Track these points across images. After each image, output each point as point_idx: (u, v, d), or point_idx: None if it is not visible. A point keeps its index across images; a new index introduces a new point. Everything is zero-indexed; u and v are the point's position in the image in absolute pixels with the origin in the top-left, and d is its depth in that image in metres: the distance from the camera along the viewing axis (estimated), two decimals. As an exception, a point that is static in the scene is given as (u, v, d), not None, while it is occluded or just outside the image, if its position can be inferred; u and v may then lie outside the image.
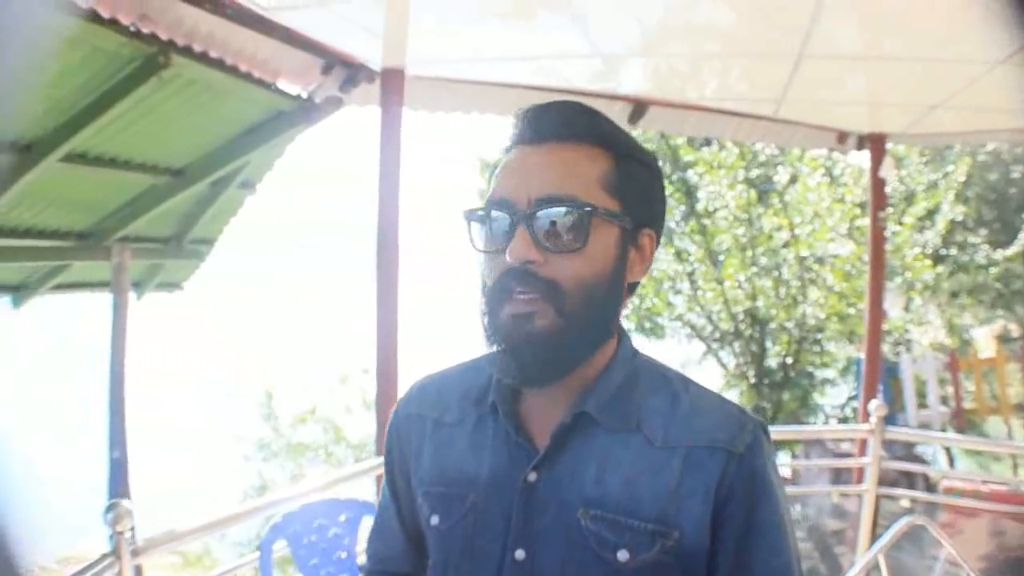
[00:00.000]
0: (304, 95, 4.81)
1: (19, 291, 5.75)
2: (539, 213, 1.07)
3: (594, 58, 4.80)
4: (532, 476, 1.13)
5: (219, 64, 4.00)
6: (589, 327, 1.11)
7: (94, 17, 3.22)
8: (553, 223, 1.07)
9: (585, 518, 1.09)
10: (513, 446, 1.16)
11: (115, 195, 5.08)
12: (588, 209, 1.07)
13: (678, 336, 10.91)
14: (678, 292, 10.46)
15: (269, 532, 3.25)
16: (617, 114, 5.47)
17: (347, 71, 4.72)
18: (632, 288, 1.21)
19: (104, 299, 5.61)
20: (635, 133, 9.47)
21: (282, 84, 4.64)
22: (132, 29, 3.39)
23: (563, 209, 1.07)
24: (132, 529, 2.78)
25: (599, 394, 1.13)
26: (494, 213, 1.11)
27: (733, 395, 10.49)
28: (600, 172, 1.11)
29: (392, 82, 4.40)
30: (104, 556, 2.73)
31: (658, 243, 1.22)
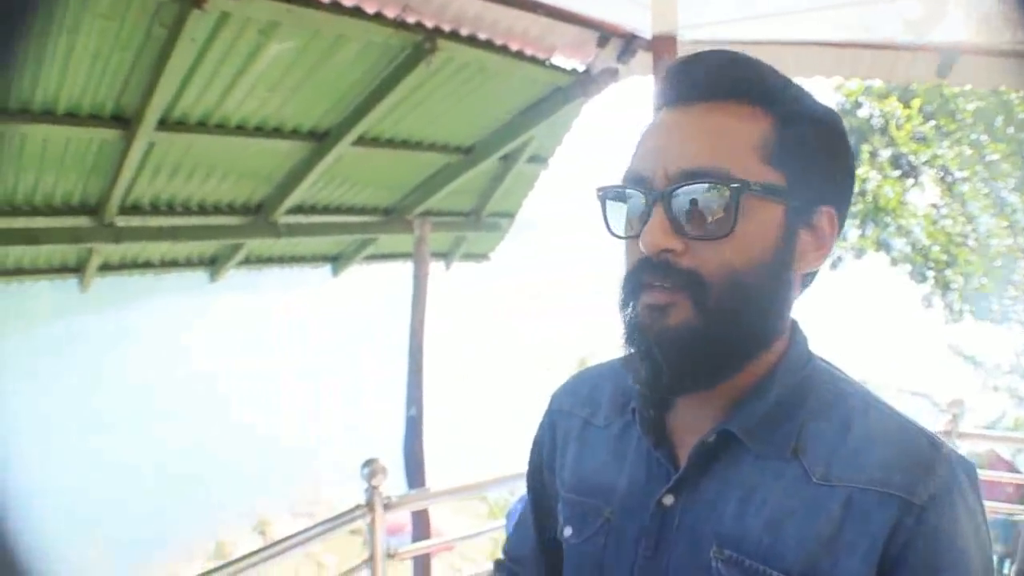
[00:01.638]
0: (581, 69, 4.84)
1: (337, 261, 6.38)
2: (677, 191, 0.90)
3: (890, 4, 4.35)
4: (668, 499, 0.97)
5: (489, 45, 4.13)
6: (740, 327, 0.92)
7: (360, 13, 3.47)
8: (694, 203, 0.89)
9: (718, 558, 0.92)
10: (653, 461, 1.02)
11: (411, 173, 5.44)
12: (736, 185, 0.89)
13: (1010, 321, 9.54)
14: (1012, 270, 9.17)
15: (517, 502, 3.35)
16: (923, 69, 4.91)
17: (622, 42, 4.69)
18: (808, 278, 1.00)
19: (408, 269, 6.06)
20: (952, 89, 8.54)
21: (558, 59, 4.71)
22: (398, 20, 3.61)
23: (704, 186, 0.89)
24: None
25: (751, 410, 0.95)
26: (629, 192, 0.96)
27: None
28: (758, 137, 0.92)
29: (664, 49, 4.26)
30: (358, 507, 3.00)
31: (842, 223, 0.99)
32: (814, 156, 0.95)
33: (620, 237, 0.98)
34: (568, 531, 1.08)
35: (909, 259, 10.16)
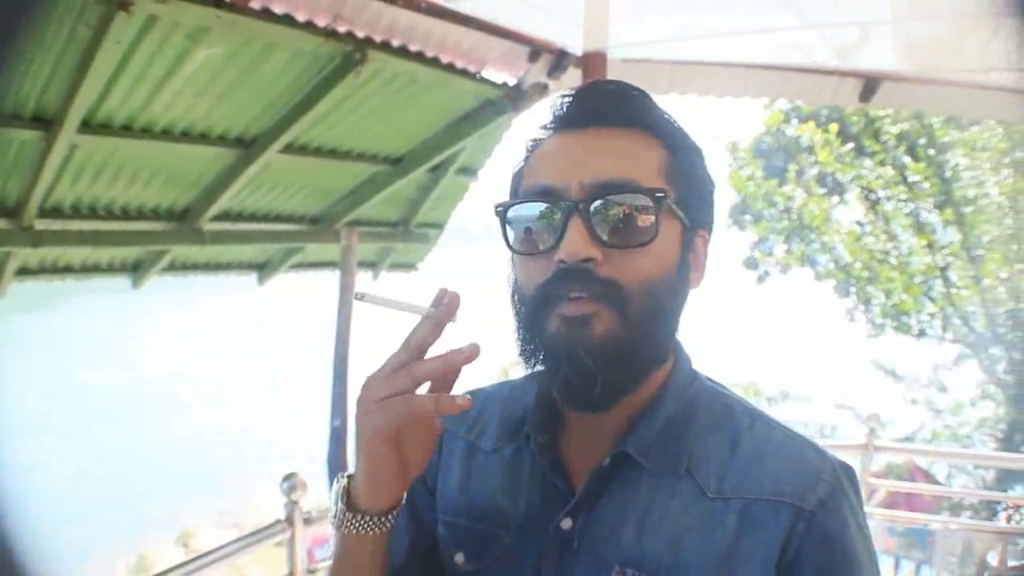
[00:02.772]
0: (511, 83, 4.86)
1: (262, 270, 6.30)
2: (598, 201, 0.90)
3: (817, 30, 4.45)
4: (566, 523, 0.96)
5: (420, 57, 4.14)
6: (655, 337, 0.94)
7: (291, 21, 3.45)
8: (616, 213, 0.90)
9: None
10: (549, 485, 1.00)
11: (340, 182, 5.41)
12: (660, 195, 0.91)
13: (928, 337, 9.84)
14: (930, 287, 9.47)
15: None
16: (847, 93, 5.05)
17: (553, 58, 4.72)
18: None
19: (334, 278, 6.01)
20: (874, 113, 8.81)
21: (489, 73, 4.72)
22: (328, 29, 3.59)
23: (629, 195, 0.90)
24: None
25: (644, 430, 0.96)
26: (535, 205, 0.94)
27: (987, 407, 9.43)
28: (658, 160, 0.95)
29: (595, 66, 4.28)
30: (277, 522, 2.96)
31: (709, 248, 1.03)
32: (695, 183, 0.99)
33: (525, 253, 0.96)
34: (460, 557, 1.05)
35: (833, 275, 10.42)
